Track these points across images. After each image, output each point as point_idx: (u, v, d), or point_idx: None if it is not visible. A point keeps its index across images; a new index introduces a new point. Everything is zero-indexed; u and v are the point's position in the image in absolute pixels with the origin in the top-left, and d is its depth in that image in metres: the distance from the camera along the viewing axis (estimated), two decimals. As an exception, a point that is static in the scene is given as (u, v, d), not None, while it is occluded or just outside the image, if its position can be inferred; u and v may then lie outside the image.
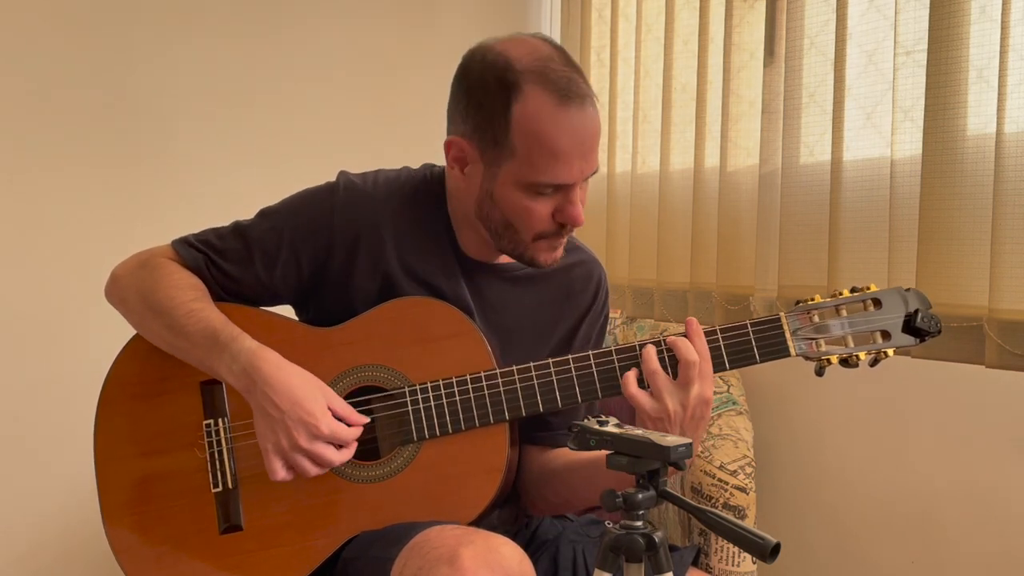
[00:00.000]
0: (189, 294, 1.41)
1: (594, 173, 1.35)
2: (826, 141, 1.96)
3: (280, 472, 1.32)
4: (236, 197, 1.71)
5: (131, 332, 1.48)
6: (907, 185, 1.80)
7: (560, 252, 1.40)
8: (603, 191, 2.56)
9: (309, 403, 1.30)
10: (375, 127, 2.61)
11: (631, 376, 1.31)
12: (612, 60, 2.54)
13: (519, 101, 1.28)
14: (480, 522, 1.34)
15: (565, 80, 1.28)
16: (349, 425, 1.33)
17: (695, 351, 1.29)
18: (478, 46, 1.35)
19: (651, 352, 1.31)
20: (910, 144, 1.80)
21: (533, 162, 1.29)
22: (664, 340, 1.32)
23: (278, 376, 1.31)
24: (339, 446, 1.32)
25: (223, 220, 1.50)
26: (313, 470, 1.31)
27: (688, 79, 2.30)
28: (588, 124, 1.30)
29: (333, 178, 1.46)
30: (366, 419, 1.35)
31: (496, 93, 1.29)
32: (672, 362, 1.31)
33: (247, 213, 1.49)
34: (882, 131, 1.87)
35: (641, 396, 1.29)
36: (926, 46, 1.74)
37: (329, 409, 1.32)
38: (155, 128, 2.35)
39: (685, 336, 1.31)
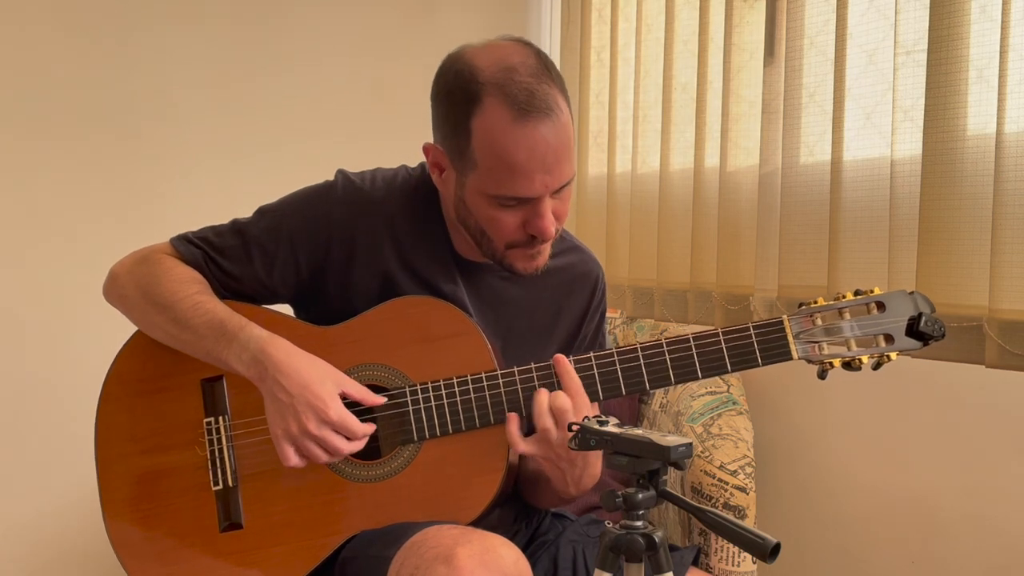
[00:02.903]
0: (192, 287, 1.41)
1: (567, 184, 1.31)
2: (826, 141, 1.96)
3: (292, 458, 1.31)
4: (235, 195, 1.72)
5: (129, 331, 1.48)
6: (907, 185, 1.80)
7: (541, 261, 1.38)
8: (603, 191, 2.56)
9: (317, 387, 1.29)
10: (374, 124, 2.61)
11: (515, 426, 1.31)
12: (612, 60, 2.54)
13: (478, 115, 1.26)
14: (480, 522, 1.34)
15: (525, 93, 1.24)
16: (365, 407, 1.34)
17: (564, 398, 1.29)
18: (453, 53, 1.33)
19: (541, 399, 1.30)
20: (910, 144, 1.80)
21: (494, 176, 1.28)
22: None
23: (288, 362, 1.31)
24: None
25: (221, 219, 1.50)
26: (323, 456, 1.31)
27: (688, 79, 2.30)
28: (550, 138, 1.25)
29: (331, 176, 1.46)
30: (381, 399, 1.36)
31: (460, 105, 1.27)
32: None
33: (245, 211, 1.49)
34: (882, 131, 1.87)
35: (527, 445, 1.31)
36: (926, 46, 1.74)
37: (343, 394, 1.32)
38: (152, 127, 2.35)
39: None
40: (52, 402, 2.22)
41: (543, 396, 1.30)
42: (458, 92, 1.28)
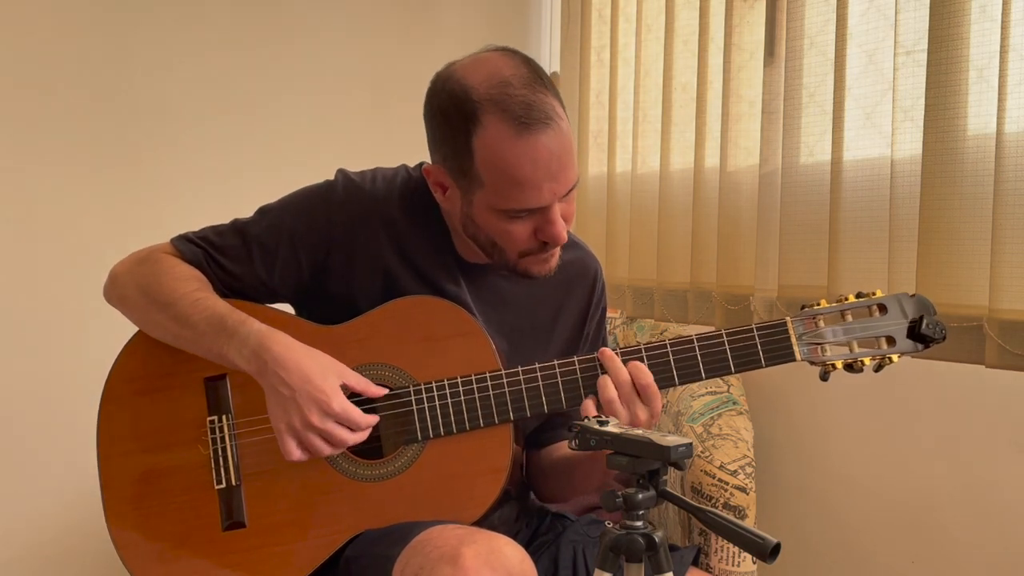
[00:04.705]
0: (192, 284, 1.41)
1: (573, 188, 1.32)
2: (826, 141, 1.96)
3: (295, 452, 1.31)
4: (235, 197, 1.72)
5: (130, 332, 1.49)
6: (907, 185, 1.80)
7: (555, 262, 1.39)
8: (603, 191, 2.56)
9: (319, 380, 1.29)
10: (374, 124, 2.61)
11: (591, 405, 1.32)
12: (612, 60, 2.54)
13: (478, 133, 1.26)
14: (482, 522, 1.35)
15: (523, 106, 1.25)
16: (367, 401, 1.34)
17: (612, 387, 1.30)
18: (442, 72, 1.33)
19: (606, 383, 1.31)
20: (910, 144, 1.80)
21: (501, 191, 1.28)
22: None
23: (288, 355, 1.31)
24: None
25: (222, 219, 1.50)
26: (326, 449, 1.31)
27: (688, 79, 2.30)
28: (552, 147, 1.26)
29: (331, 176, 1.46)
30: (383, 391, 1.36)
31: (457, 125, 1.28)
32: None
33: (246, 212, 1.49)
34: (882, 131, 1.87)
35: None
36: (926, 46, 1.74)
37: (344, 385, 1.32)
38: (154, 129, 2.35)
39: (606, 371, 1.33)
40: (53, 402, 2.22)
41: (606, 376, 1.32)
42: (454, 112, 1.28)
